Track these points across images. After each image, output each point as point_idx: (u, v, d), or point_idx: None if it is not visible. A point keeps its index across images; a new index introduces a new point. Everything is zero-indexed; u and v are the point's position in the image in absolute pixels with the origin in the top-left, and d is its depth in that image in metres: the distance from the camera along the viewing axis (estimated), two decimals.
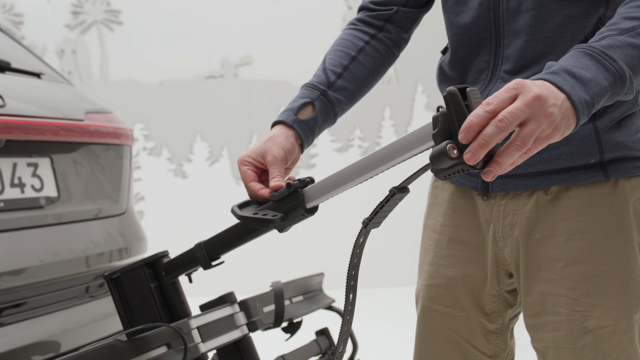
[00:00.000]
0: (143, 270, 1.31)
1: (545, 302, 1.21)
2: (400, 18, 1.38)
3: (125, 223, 2.23)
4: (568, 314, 1.18)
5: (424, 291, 1.40)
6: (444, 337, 1.37)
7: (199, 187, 6.27)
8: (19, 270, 1.72)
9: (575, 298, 1.17)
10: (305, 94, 1.28)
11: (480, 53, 1.24)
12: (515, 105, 0.85)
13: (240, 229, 1.23)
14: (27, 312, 1.75)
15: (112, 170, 2.20)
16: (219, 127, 6.30)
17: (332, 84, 1.30)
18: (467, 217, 1.33)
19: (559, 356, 1.20)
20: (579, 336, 1.18)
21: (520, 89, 0.87)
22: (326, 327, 1.86)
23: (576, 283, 1.18)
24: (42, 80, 2.13)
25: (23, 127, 1.80)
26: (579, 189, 1.18)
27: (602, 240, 1.17)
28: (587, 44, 0.97)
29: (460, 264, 1.34)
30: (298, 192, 1.11)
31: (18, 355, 1.68)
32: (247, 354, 1.47)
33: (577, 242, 1.18)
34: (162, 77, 6.26)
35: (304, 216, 1.11)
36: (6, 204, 1.74)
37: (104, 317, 2.00)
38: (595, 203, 1.18)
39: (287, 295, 1.70)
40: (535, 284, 1.22)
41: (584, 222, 1.18)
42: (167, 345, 1.21)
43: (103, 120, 2.18)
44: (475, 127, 0.84)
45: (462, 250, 1.34)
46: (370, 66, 1.35)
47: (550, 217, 1.20)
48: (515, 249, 1.25)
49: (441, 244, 1.37)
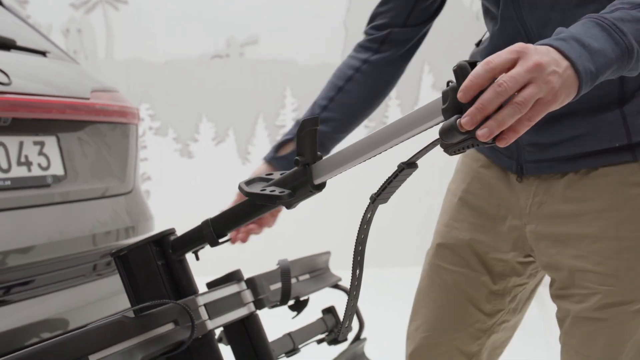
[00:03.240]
0: (150, 247, 1.31)
1: (573, 277, 1.26)
2: (393, 39, 1.44)
3: (132, 202, 2.24)
4: (594, 288, 1.23)
5: (437, 250, 1.47)
6: (448, 292, 1.44)
7: (205, 167, 6.27)
8: (27, 248, 1.72)
9: (602, 273, 1.22)
10: (290, 130, 1.41)
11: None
12: (515, 70, 0.84)
13: (247, 206, 1.23)
14: (35, 289, 1.76)
15: (118, 149, 2.20)
16: (225, 107, 6.29)
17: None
18: (492, 190, 1.38)
19: (577, 326, 1.26)
20: (602, 309, 1.22)
21: (522, 53, 0.86)
22: (332, 306, 1.87)
23: (603, 259, 1.22)
24: (47, 58, 2.13)
25: (29, 105, 1.80)
26: (606, 169, 1.23)
27: (629, 218, 1.22)
28: (599, 14, 0.96)
29: (472, 230, 1.41)
30: (306, 168, 1.09)
31: (27, 332, 1.69)
32: (254, 331, 1.48)
33: (604, 219, 1.23)
34: (168, 57, 6.24)
35: (311, 192, 1.09)
36: (13, 182, 1.74)
37: (112, 295, 2.01)
38: (622, 182, 1.22)
39: (294, 274, 1.71)
40: (563, 259, 1.27)
41: (611, 200, 1.23)
42: (174, 322, 1.22)
43: (109, 99, 2.17)
44: (475, 87, 0.83)
45: (477, 217, 1.40)
46: (360, 93, 1.43)
47: (579, 196, 1.25)
48: (543, 226, 1.30)
49: (459, 208, 1.44)
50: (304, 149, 1.08)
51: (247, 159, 6.31)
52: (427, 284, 1.51)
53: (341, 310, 1.88)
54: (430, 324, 1.49)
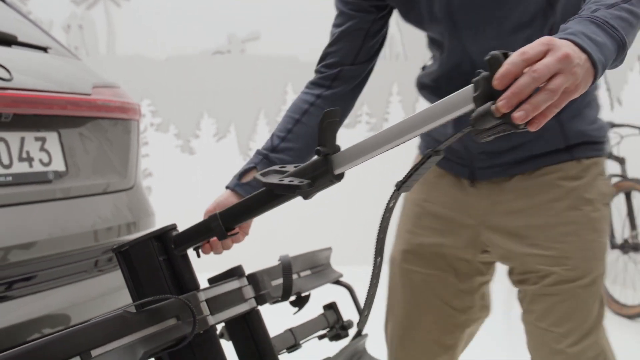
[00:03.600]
0: (151, 243, 1.31)
1: (528, 262, 1.45)
2: (344, 75, 1.54)
3: (133, 198, 2.24)
4: (547, 269, 1.42)
5: (402, 255, 1.61)
6: (419, 291, 1.58)
7: (206, 163, 6.27)
8: (28, 244, 1.72)
9: (553, 256, 1.41)
10: (251, 160, 1.50)
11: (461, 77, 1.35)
12: (548, 60, 0.90)
13: (259, 198, 1.23)
14: (37, 285, 1.76)
15: (119, 145, 2.20)
16: (226, 103, 6.29)
17: (275, 148, 1.49)
18: (448, 197, 1.54)
19: (535, 303, 1.45)
20: (556, 286, 1.41)
21: (552, 45, 0.92)
22: (334, 302, 1.87)
23: (552, 243, 1.42)
24: (49, 54, 2.12)
25: (30, 101, 1.80)
26: (549, 168, 1.44)
27: (570, 206, 1.42)
28: (589, 14, 1.04)
29: (435, 234, 1.55)
30: (327, 158, 1.12)
31: (29, 328, 1.70)
32: (256, 326, 1.48)
33: (550, 210, 1.43)
34: (169, 53, 6.24)
35: (332, 182, 1.11)
36: (15, 178, 1.74)
37: (113, 291, 2.01)
38: (562, 178, 1.43)
39: (295, 269, 1.70)
40: (517, 248, 1.46)
41: (555, 193, 1.43)
42: (176, 317, 1.22)
43: (110, 95, 2.17)
44: (511, 74, 0.89)
45: (438, 223, 1.55)
46: (315, 124, 1.50)
47: (527, 193, 1.44)
48: (497, 222, 1.48)
49: (420, 216, 1.59)
50: (325, 139, 1.11)
51: (248, 155, 6.31)
52: (397, 286, 1.63)
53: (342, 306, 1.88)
54: (405, 322, 1.62)
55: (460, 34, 1.37)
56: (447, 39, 1.40)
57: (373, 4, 1.51)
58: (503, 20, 1.32)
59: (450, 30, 1.38)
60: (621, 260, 4.61)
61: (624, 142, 4.63)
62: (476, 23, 1.34)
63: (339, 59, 1.54)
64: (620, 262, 4.62)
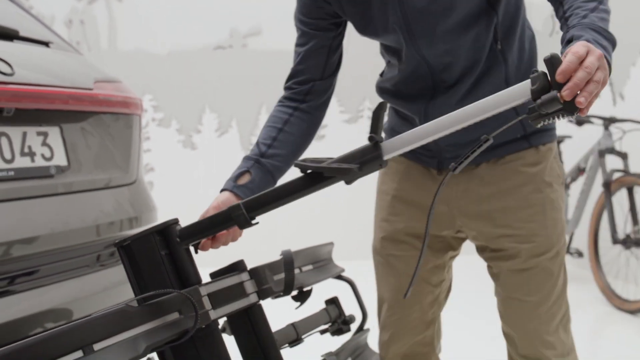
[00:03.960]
0: (153, 237, 1.31)
1: (500, 242, 1.60)
2: (316, 90, 1.69)
3: (135, 193, 2.24)
4: (518, 246, 1.58)
5: (382, 242, 1.73)
6: (400, 275, 1.70)
7: (208, 158, 6.27)
8: (31, 239, 1.73)
9: (522, 234, 1.58)
10: (243, 164, 1.61)
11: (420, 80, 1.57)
12: (591, 59, 1.13)
13: (293, 185, 1.29)
14: (39, 279, 1.76)
15: (121, 140, 2.20)
16: (228, 98, 6.28)
17: (264, 154, 1.63)
18: (418, 186, 1.67)
19: (510, 277, 1.61)
20: (527, 261, 1.58)
21: (589, 48, 1.15)
22: (336, 297, 1.87)
23: (521, 224, 1.58)
24: (50, 49, 2.12)
25: (32, 95, 1.80)
26: (511, 156, 1.60)
27: (533, 189, 1.59)
28: (588, 21, 1.27)
29: (409, 219, 1.68)
30: (378, 145, 1.24)
31: (31, 322, 1.70)
32: (258, 321, 1.48)
33: (516, 194, 1.59)
34: (171, 48, 6.23)
35: (380, 167, 1.26)
36: (17, 173, 1.74)
37: (116, 285, 2.01)
38: (524, 164, 1.59)
39: (297, 264, 1.71)
40: (489, 230, 1.61)
41: (519, 179, 1.59)
42: (178, 311, 1.22)
43: (112, 90, 2.17)
44: (571, 70, 1.11)
45: (411, 209, 1.68)
46: (297, 132, 1.67)
47: (494, 180, 1.60)
48: (469, 207, 1.62)
49: (394, 204, 1.71)
50: (377, 128, 1.24)
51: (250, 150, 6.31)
52: (382, 273, 1.75)
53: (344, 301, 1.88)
54: (393, 307, 1.73)
55: (416, 42, 1.50)
56: (404, 47, 1.53)
57: (331, 22, 1.65)
58: (453, 24, 1.48)
59: (406, 40, 1.51)
60: (623, 255, 4.60)
61: (626, 137, 4.62)
62: (430, 30, 1.48)
63: (309, 75, 1.69)
64: (622, 257, 4.61)
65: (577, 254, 5.05)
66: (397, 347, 1.73)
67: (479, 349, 3.51)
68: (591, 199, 4.88)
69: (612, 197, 4.39)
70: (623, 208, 4.54)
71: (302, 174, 1.31)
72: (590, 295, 4.67)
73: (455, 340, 3.12)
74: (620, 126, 4.64)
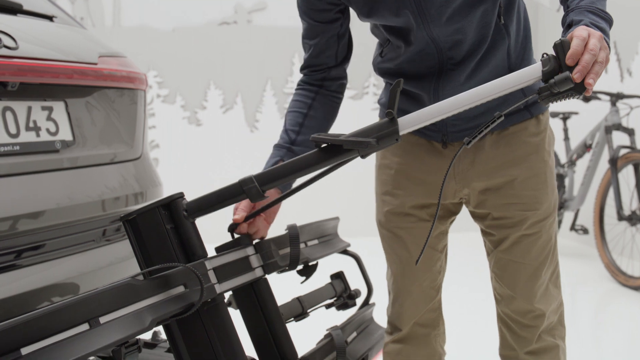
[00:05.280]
0: (159, 211, 1.31)
1: (506, 209, 1.65)
2: (332, 75, 1.76)
3: (141, 168, 2.24)
4: (523, 214, 1.64)
5: (388, 216, 1.75)
6: (408, 246, 1.73)
7: (213, 134, 6.26)
8: (37, 213, 1.73)
9: (527, 202, 1.64)
10: (276, 153, 1.68)
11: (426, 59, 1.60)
12: (593, 41, 1.26)
13: (301, 161, 1.33)
14: (46, 254, 1.77)
15: (126, 115, 2.19)
16: (233, 74, 6.26)
17: (294, 141, 1.69)
18: (422, 160, 1.69)
19: (517, 243, 1.65)
20: (532, 227, 1.64)
21: (590, 31, 1.28)
22: (341, 271, 1.87)
23: (529, 192, 1.64)
24: (54, 23, 2.11)
25: (37, 69, 1.79)
26: (514, 127, 1.64)
27: (537, 159, 1.65)
28: (585, 4, 1.37)
29: (413, 194, 1.70)
30: (395, 120, 1.30)
31: (38, 296, 1.71)
32: (263, 295, 1.49)
33: (523, 164, 1.64)
34: (175, 24, 6.20)
35: (396, 141, 1.32)
36: (22, 147, 1.74)
37: (121, 260, 2.02)
38: (527, 134, 1.65)
39: (303, 239, 1.71)
40: (495, 200, 1.65)
41: (523, 149, 1.64)
42: (183, 285, 1.22)
43: (117, 64, 2.16)
44: (579, 53, 1.25)
45: (415, 183, 1.70)
46: (321, 115, 1.75)
47: (502, 150, 1.64)
48: (477, 178, 1.65)
49: (398, 178, 1.73)
50: (393, 104, 1.29)
51: (255, 127, 6.30)
52: (389, 246, 1.77)
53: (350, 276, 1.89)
54: (402, 277, 1.75)
55: (427, 24, 1.53)
56: (414, 29, 1.55)
57: (335, 11, 1.68)
58: (463, 3, 1.51)
59: (417, 22, 1.53)
60: (629, 231, 4.60)
61: (633, 113, 4.59)
62: (442, 11, 1.51)
63: (324, 64, 1.75)
64: (628, 233, 4.61)
65: (582, 230, 5.05)
66: (411, 315, 1.75)
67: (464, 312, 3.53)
68: (597, 175, 4.87)
69: (618, 173, 4.37)
70: (629, 184, 4.53)
71: (316, 148, 1.34)
72: (595, 271, 4.67)
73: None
74: (628, 102, 4.60)
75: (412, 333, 1.76)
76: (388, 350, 1.79)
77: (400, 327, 1.77)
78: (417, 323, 1.76)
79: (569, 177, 5.16)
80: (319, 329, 1.79)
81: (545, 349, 1.70)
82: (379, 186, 1.79)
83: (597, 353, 3.34)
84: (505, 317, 1.72)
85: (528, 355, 1.70)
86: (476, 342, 3.22)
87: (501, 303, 1.72)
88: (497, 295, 1.74)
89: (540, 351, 1.69)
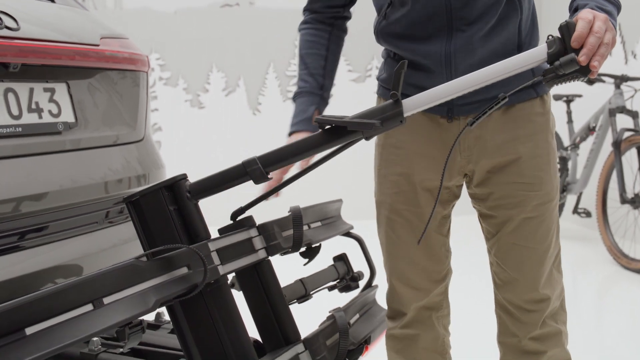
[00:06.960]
0: (162, 193, 1.31)
1: (510, 189, 1.63)
2: (341, 15, 1.80)
3: (143, 150, 2.23)
4: (526, 194, 1.63)
5: (393, 197, 1.72)
6: (413, 230, 1.71)
7: (215, 117, 6.25)
8: (40, 195, 1.73)
9: (533, 182, 1.63)
10: (310, 100, 1.71)
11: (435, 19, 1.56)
12: (598, 23, 1.27)
13: (306, 143, 1.33)
14: (49, 236, 1.77)
15: (128, 97, 2.18)
16: (235, 56, 6.23)
17: (322, 86, 1.73)
18: (428, 137, 1.66)
19: (521, 226, 1.64)
20: (536, 209, 1.63)
21: (594, 14, 1.28)
22: (344, 253, 1.87)
23: (532, 171, 1.63)
24: (56, 4, 2.10)
25: (38, 51, 1.78)
26: (521, 105, 1.63)
27: (541, 139, 1.64)
28: None
29: (422, 172, 1.68)
30: (399, 101, 1.29)
31: (41, 277, 1.71)
32: (266, 277, 1.49)
33: (528, 142, 1.63)
34: (177, 6, 6.17)
35: (400, 123, 1.31)
36: (24, 129, 1.73)
37: (124, 242, 2.02)
38: (533, 113, 1.64)
39: (306, 221, 1.71)
40: (500, 178, 1.64)
41: (529, 128, 1.63)
42: (187, 266, 1.22)
43: (118, 46, 2.15)
44: (584, 35, 1.26)
45: (421, 161, 1.67)
46: (335, 57, 1.78)
47: (508, 127, 1.62)
48: (483, 154, 1.63)
49: (406, 156, 1.69)
50: (398, 86, 1.28)
51: (257, 110, 6.29)
52: (391, 228, 1.74)
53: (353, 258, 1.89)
54: (402, 261, 1.74)
55: None
56: None
57: None
58: None
59: None
60: (631, 214, 4.60)
61: (637, 96, 4.57)
62: None
63: (332, 3, 1.77)
64: (631, 216, 4.61)
65: (585, 213, 5.05)
66: (417, 299, 1.75)
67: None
68: (600, 158, 4.85)
69: (621, 156, 4.36)
70: (632, 167, 4.52)
71: (319, 130, 1.33)
72: (598, 254, 4.68)
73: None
74: (632, 85, 4.58)
75: (417, 316, 1.76)
76: (391, 335, 1.79)
77: (404, 312, 1.76)
78: (424, 307, 1.75)
79: (572, 160, 5.15)
80: (321, 311, 1.79)
81: (548, 335, 1.69)
82: (384, 166, 1.74)
83: (599, 336, 3.35)
84: (507, 303, 1.70)
85: (531, 341, 1.68)
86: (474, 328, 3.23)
87: (502, 289, 1.70)
88: (498, 281, 1.72)
89: (544, 337, 1.68)
